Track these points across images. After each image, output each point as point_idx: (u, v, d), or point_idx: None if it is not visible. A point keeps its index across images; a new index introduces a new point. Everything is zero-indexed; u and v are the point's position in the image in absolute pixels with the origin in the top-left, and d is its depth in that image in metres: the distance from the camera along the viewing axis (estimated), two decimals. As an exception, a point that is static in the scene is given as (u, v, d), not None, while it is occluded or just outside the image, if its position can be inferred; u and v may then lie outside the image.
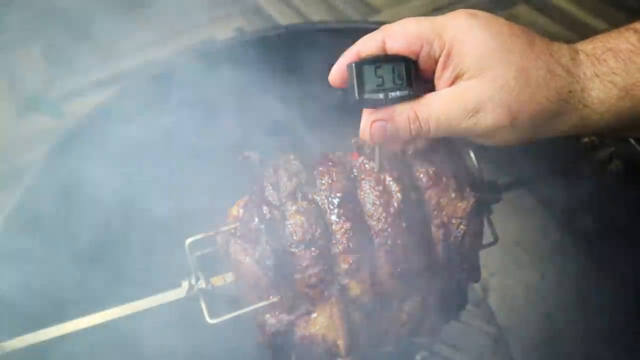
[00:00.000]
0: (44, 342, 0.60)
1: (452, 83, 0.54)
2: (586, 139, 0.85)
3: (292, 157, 0.62)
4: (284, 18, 2.00)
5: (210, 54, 1.06)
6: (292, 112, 1.01)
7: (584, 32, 1.90)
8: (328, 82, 0.62)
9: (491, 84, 0.52)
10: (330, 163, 0.61)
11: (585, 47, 0.55)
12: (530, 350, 1.04)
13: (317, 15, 2.00)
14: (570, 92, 0.53)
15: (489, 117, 0.52)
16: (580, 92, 0.53)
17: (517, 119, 0.53)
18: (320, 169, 0.60)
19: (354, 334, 0.63)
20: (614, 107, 0.53)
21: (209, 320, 0.60)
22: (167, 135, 0.98)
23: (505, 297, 1.10)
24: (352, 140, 0.63)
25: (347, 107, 0.56)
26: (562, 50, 0.54)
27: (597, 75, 0.53)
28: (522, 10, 2.04)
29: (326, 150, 0.65)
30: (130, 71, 1.78)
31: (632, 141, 0.80)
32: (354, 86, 0.54)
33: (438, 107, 0.54)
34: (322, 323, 0.60)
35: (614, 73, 0.53)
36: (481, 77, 0.52)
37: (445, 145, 0.63)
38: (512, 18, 1.99)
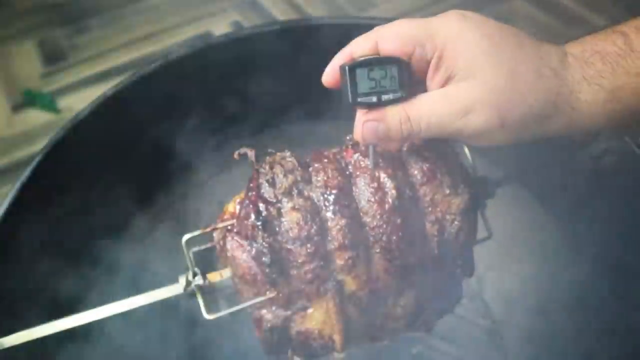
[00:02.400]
0: (42, 338, 0.60)
1: (444, 84, 0.55)
2: (580, 135, 0.85)
3: (288, 154, 0.62)
4: (279, 11, 2.00)
5: (207, 48, 1.06)
6: (288, 109, 1.01)
7: (582, 27, 1.90)
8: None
9: (481, 85, 0.53)
10: (325, 160, 0.61)
11: (574, 49, 0.55)
12: (525, 343, 1.05)
13: (312, 7, 1.99)
14: (558, 94, 0.54)
15: (479, 119, 0.53)
16: (568, 95, 0.54)
17: (507, 121, 0.53)
18: (316, 165, 0.61)
19: (350, 329, 0.64)
20: (602, 109, 0.54)
21: (207, 316, 0.60)
22: (163, 132, 0.99)
23: (501, 291, 1.11)
24: (347, 137, 0.63)
25: (343, 105, 0.57)
26: (551, 52, 0.55)
27: (585, 79, 0.54)
28: (520, 4, 2.04)
29: (322, 146, 0.66)
30: (126, 66, 1.78)
31: (626, 137, 0.81)
32: (347, 89, 0.55)
33: (429, 108, 0.55)
34: (318, 318, 0.61)
35: (601, 76, 0.53)
36: (472, 79, 0.53)
37: (439, 142, 0.63)
38: (510, 12, 2.00)
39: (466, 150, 0.70)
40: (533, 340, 1.04)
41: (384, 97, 0.54)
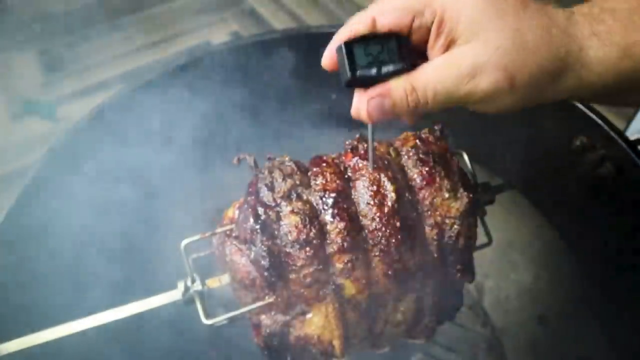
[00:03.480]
0: (40, 344, 0.60)
1: (447, 50, 0.53)
2: (578, 142, 0.86)
3: (286, 158, 0.62)
4: (278, 21, 2.01)
5: (205, 57, 1.06)
6: (287, 115, 1.02)
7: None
8: (324, 85, 0.62)
9: (485, 47, 0.51)
10: (324, 164, 0.61)
11: (582, 9, 0.54)
12: (524, 351, 1.05)
13: (310, 18, 2.01)
14: (567, 51, 0.52)
15: (486, 81, 0.51)
16: (578, 52, 0.52)
17: (515, 81, 0.51)
18: (315, 169, 0.61)
19: (350, 334, 0.63)
20: (613, 66, 0.52)
21: (205, 321, 0.60)
22: (163, 138, 0.99)
23: (500, 299, 1.11)
24: (346, 142, 0.64)
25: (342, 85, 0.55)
26: (558, 12, 0.53)
27: (594, 34, 0.52)
28: None
29: (321, 151, 0.66)
30: (126, 75, 1.79)
31: (623, 144, 0.81)
32: (344, 65, 0.53)
33: (433, 76, 0.52)
34: (317, 323, 0.60)
35: (612, 32, 0.51)
36: (475, 41, 0.51)
37: (439, 147, 0.63)
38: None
39: (465, 157, 0.70)
40: (532, 348, 1.04)
41: (384, 69, 0.52)
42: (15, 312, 0.76)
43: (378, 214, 0.58)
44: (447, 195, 0.61)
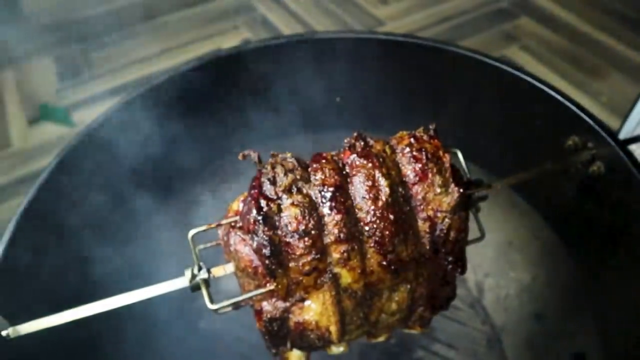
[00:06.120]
0: (56, 326, 0.63)
1: None
2: (570, 142, 0.88)
3: (288, 155, 0.66)
4: (290, 30, 2.05)
5: (213, 63, 1.10)
6: (289, 116, 1.05)
7: (586, 44, 1.93)
8: (326, 88, 0.64)
9: None
10: (323, 160, 0.65)
11: None
12: (522, 348, 1.07)
13: (323, 27, 2.05)
14: None
15: None
16: None
17: None
18: (315, 165, 0.64)
19: (346, 322, 0.66)
20: None
21: (210, 306, 0.63)
22: (173, 141, 1.02)
23: (499, 298, 1.13)
24: (345, 140, 0.67)
25: (344, 110, 0.60)
26: None
27: None
28: (525, 22, 2.07)
29: (321, 150, 0.69)
30: (140, 81, 1.83)
31: (612, 143, 0.84)
32: None
33: None
34: (315, 310, 0.64)
35: None
36: None
37: (432, 145, 0.66)
38: (515, 30, 2.02)
39: (459, 154, 0.74)
40: (530, 344, 1.06)
41: None
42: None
43: (373, 207, 0.61)
44: (438, 190, 0.64)
